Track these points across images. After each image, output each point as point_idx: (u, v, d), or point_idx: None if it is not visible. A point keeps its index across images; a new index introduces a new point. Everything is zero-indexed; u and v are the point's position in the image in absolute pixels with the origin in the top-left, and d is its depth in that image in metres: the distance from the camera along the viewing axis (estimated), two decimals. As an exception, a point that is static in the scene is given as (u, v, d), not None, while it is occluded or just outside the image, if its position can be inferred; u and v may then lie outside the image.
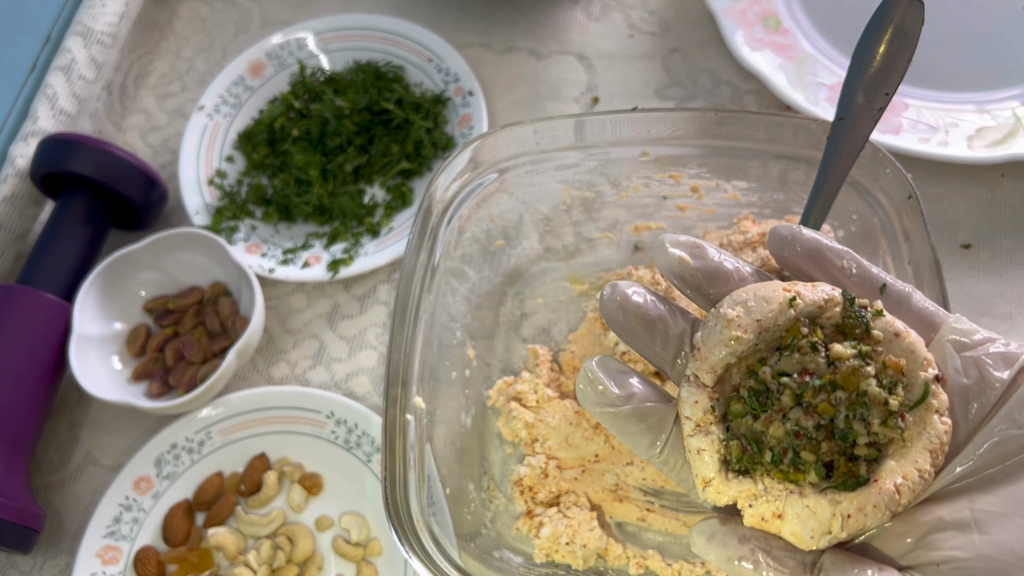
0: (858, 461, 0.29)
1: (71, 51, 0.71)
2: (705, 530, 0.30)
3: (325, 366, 0.65)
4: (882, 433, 0.29)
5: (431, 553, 0.46)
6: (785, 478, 0.30)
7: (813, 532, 0.28)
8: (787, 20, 0.71)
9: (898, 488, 0.28)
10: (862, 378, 0.29)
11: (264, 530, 0.58)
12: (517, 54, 0.75)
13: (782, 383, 0.30)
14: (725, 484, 0.30)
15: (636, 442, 0.31)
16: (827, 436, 0.29)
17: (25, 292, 0.61)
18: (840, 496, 0.29)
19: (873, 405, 0.29)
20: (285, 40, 0.76)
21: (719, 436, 0.30)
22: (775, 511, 0.29)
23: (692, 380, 0.31)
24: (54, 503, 0.62)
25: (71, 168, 0.64)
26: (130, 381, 0.63)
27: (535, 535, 0.51)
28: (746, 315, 0.30)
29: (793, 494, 0.29)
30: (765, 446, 0.30)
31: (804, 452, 0.29)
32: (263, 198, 0.70)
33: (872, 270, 0.32)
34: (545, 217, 0.60)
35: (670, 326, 0.32)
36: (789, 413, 0.30)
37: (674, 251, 0.32)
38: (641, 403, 0.31)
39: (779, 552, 0.29)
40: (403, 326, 0.51)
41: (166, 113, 0.77)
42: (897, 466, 0.29)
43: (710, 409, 0.31)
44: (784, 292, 0.31)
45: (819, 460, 0.29)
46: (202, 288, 0.66)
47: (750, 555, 0.29)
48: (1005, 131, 0.63)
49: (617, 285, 0.32)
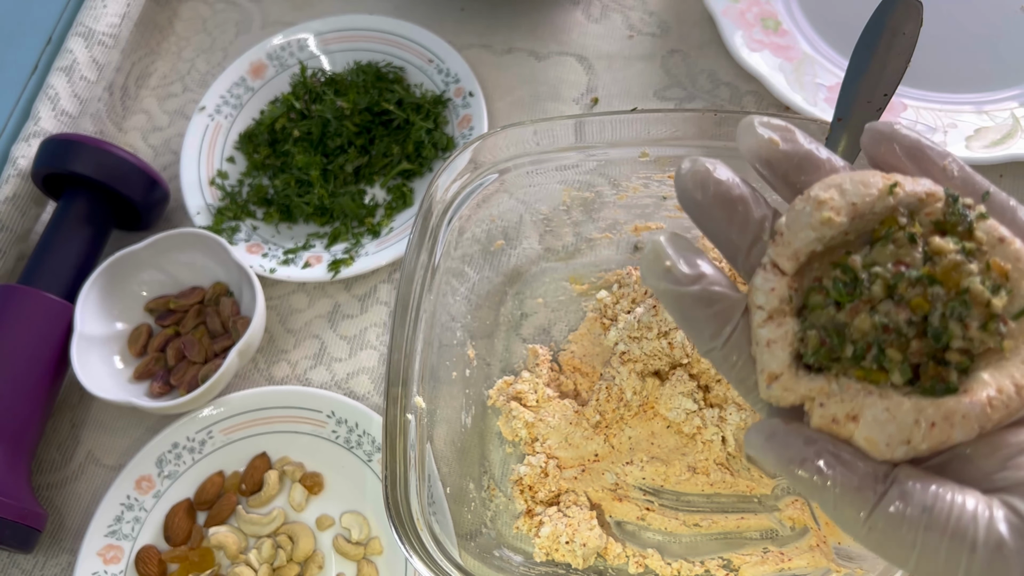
0: (949, 367, 0.26)
1: (73, 52, 0.71)
2: (764, 429, 0.27)
3: (326, 366, 0.65)
4: (979, 339, 0.26)
5: (431, 552, 0.46)
6: (866, 377, 0.26)
7: (890, 439, 0.25)
8: (786, 21, 0.71)
9: (990, 401, 0.25)
10: (964, 275, 0.26)
11: (265, 529, 0.59)
12: (517, 55, 0.76)
13: (873, 272, 0.27)
14: (794, 380, 0.27)
15: (698, 329, 0.28)
16: (918, 336, 0.26)
17: (27, 292, 0.62)
18: (925, 402, 0.25)
19: (974, 305, 0.26)
20: (286, 41, 0.76)
21: (794, 328, 0.27)
22: (849, 412, 0.26)
23: (769, 268, 0.28)
24: (56, 502, 0.62)
25: (73, 168, 0.64)
26: (131, 381, 0.63)
27: (535, 534, 0.51)
28: (840, 197, 0.27)
29: (872, 395, 0.26)
30: (847, 339, 0.27)
31: (891, 349, 0.26)
32: (264, 198, 0.71)
33: (976, 177, 0.30)
34: (545, 217, 0.60)
35: (751, 208, 0.29)
36: (878, 306, 0.27)
37: (764, 132, 0.29)
38: (710, 285, 0.28)
39: (848, 457, 0.25)
40: (403, 326, 0.51)
41: (167, 114, 0.77)
42: (991, 378, 0.25)
43: (787, 299, 0.27)
44: (884, 179, 0.28)
45: (906, 360, 0.26)
46: (203, 288, 0.66)
47: (815, 457, 0.25)
48: (1003, 132, 0.63)
49: (698, 159, 0.29)
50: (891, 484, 0.25)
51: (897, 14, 0.42)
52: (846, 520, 0.25)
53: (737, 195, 0.29)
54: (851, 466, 0.25)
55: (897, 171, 0.29)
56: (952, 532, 0.24)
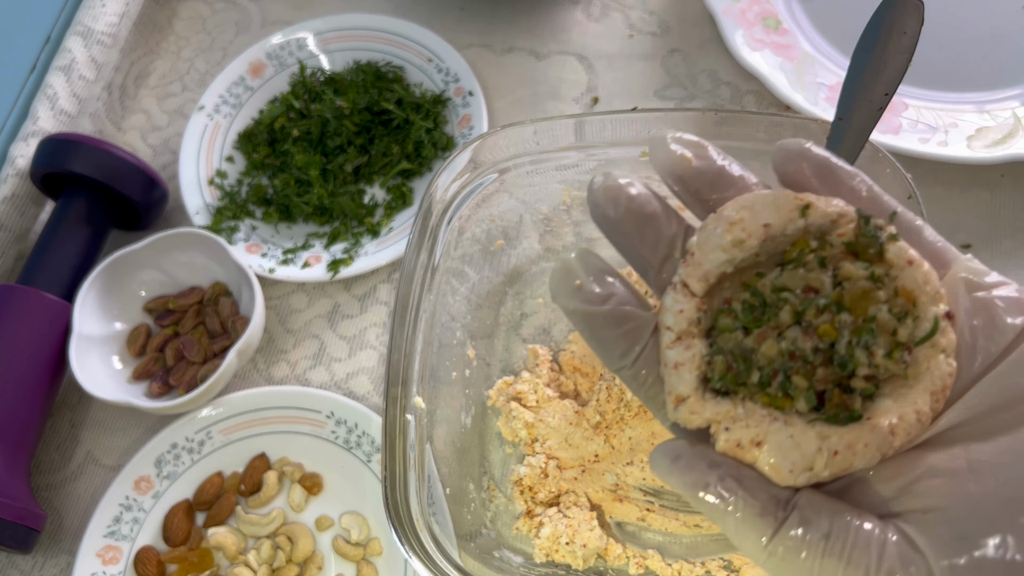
0: (853, 394, 0.26)
1: (71, 51, 0.71)
2: (670, 451, 0.27)
3: (325, 366, 0.65)
4: (885, 366, 0.26)
5: (431, 553, 0.46)
6: (771, 403, 0.26)
7: (794, 466, 0.25)
8: (787, 20, 0.71)
9: (893, 428, 0.25)
10: (872, 302, 0.26)
11: (264, 530, 0.58)
12: (517, 54, 0.76)
13: (782, 297, 0.27)
14: (701, 404, 0.27)
15: (608, 349, 0.28)
16: (824, 363, 0.26)
17: (25, 292, 0.61)
18: (829, 430, 0.26)
19: (880, 333, 0.26)
20: (285, 40, 0.76)
21: (702, 351, 0.27)
22: (754, 437, 0.26)
23: (679, 288, 0.28)
24: (55, 503, 0.62)
25: (71, 168, 0.64)
26: (130, 381, 0.63)
27: (535, 535, 0.51)
28: (752, 219, 0.27)
29: (777, 421, 0.26)
30: (754, 365, 0.27)
31: (797, 376, 0.26)
32: (263, 198, 0.70)
33: (884, 196, 0.29)
34: (545, 217, 0.60)
35: (663, 225, 0.28)
36: (786, 332, 0.27)
37: (676, 148, 0.28)
38: (620, 305, 0.28)
39: (751, 483, 0.25)
40: (403, 326, 0.51)
41: (166, 113, 0.77)
42: (894, 405, 0.26)
43: (696, 320, 0.27)
44: (796, 200, 0.27)
45: (811, 387, 0.26)
46: (202, 288, 0.66)
47: (718, 482, 0.25)
48: (1005, 131, 0.63)
49: (611, 174, 0.29)
50: (792, 510, 0.25)
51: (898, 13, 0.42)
52: (748, 545, 0.25)
53: (649, 212, 0.28)
54: (753, 492, 0.25)
55: (807, 190, 0.29)
56: (848, 560, 0.24)
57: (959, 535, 0.23)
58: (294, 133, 0.71)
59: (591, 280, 0.28)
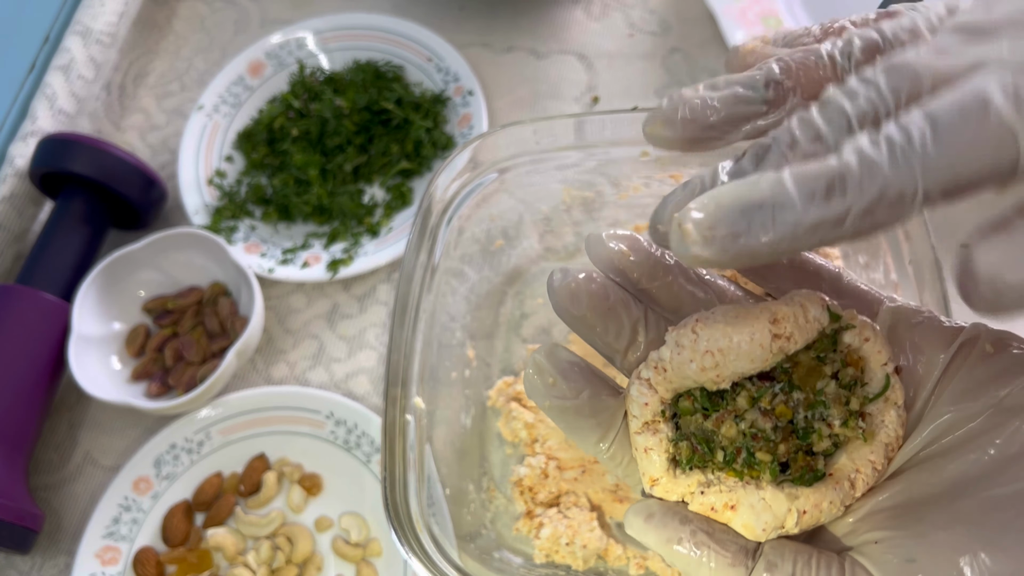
0: (816, 456, 0.28)
1: (70, 50, 0.71)
2: (643, 510, 0.29)
3: (324, 366, 0.65)
4: (843, 434, 0.28)
5: (431, 554, 0.46)
6: (738, 477, 0.28)
7: (766, 525, 0.27)
8: (787, 19, 0.71)
9: (853, 483, 0.28)
10: (819, 377, 0.28)
11: (263, 531, 0.58)
12: (517, 53, 0.75)
13: (737, 386, 0.28)
14: (673, 482, 0.28)
15: (584, 437, 0.30)
16: (784, 437, 0.28)
17: (24, 292, 0.61)
18: (797, 491, 0.28)
19: (833, 405, 0.28)
20: (284, 40, 0.76)
21: (668, 435, 0.29)
22: (727, 502, 0.28)
23: (644, 383, 0.29)
24: (53, 503, 0.62)
25: (70, 168, 0.64)
26: (129, 381, 0.63)
27: (535, 536, 0.51)
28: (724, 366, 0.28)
29: (749, 485, 0.28)
30: (716, 446, 0.28)
31: (760, 453, 0.28)
32: (262, 198, 0.70)
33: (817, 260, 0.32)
34: (545, 217, 0.60)
35: (624, 315, 0.30)
36: (744, 415, 0.28)
37: (614, 244, 0.31)
38: (591, 397, 0.29)
39: (720, 536, 0.28)
40: (403, 326, 0.50)
41: (165, 113, 0.77)
42: (850, 461, 0.28)
43: (659, 411, 0.29)
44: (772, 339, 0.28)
45: (775, 460, 0.28)
46: (201, 288, 0.66)
47: (690, 537, 0.28)
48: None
49: (568, 270, 0.30)
50: (759, 558, 0.27)
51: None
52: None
53: (610, 304, 0.30)
54: (723, 544, 0.28)
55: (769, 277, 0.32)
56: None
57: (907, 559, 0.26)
58: (293, 132, 0.71)
59: (561, 377, 0.30)
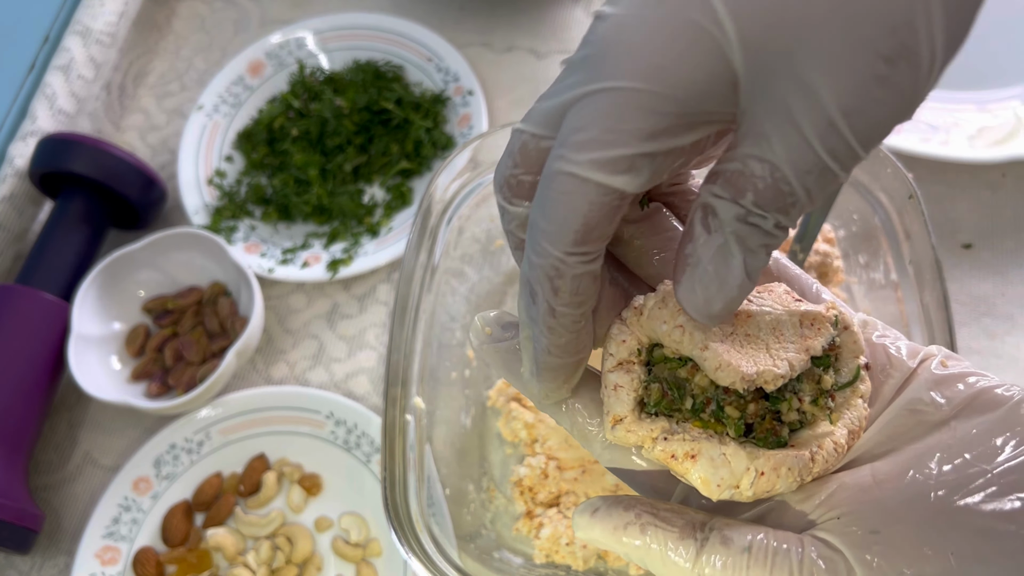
0: (782, 424, 0.29)
1: (70, 50, 0.71)
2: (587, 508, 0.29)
3: (324, 366, 0.65)
4: (811, 412, 0.29)
5: (431, 554, 0.46)
6: (703, 427, 0.28)
7: (722, 481, 0.27)
8: (787, 19, 0.71)
9: (813, 456, 0.28)
10: None
11: (263, 531, 0.58)
12: (517, 53, 0.75)
13: None
14: (637, 424, 0.28)
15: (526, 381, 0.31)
16: (755, 398, 0.28)
17: (24, 292, 0.61)
18: (758, 452, 0.28)
19: (806, 380, 0.29)
20: (284, 39, 0.75)
21: (641, 376, 0.29)
22: (688, 451, 0.28)
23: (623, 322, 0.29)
24: (53, 503, 0.62)
25: (70, 168, 0.64)
26: (129, 381, 0.63)
27: (535, 536, 0.51)
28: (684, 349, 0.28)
29: (712, 439, 0.28)
30: (687, 393, 0.29)
31: (729, 407, 0.28)
32: (262, 198, 0.70)
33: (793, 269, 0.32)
34: (545, 217, 0.59)
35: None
36: None
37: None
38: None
39: (666, 513, 0.28)
40: (403, 326, 0.50)
41: (165, 113, 0.77)
42: (814, 436, 0.28)
43: (636, 351, 0.29)
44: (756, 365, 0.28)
45: (743, 418, 0.28)
46: (201, 288, 0.66)
47: (636, 520, 0.28)
48: (1006, 130, 0.63)
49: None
50: (710, 531, 0.27)
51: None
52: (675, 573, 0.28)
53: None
54: (669, 520, 0.28)
55: None
56: (772, 566, 0.26)
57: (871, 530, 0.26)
58: (293, 132, 0.71)
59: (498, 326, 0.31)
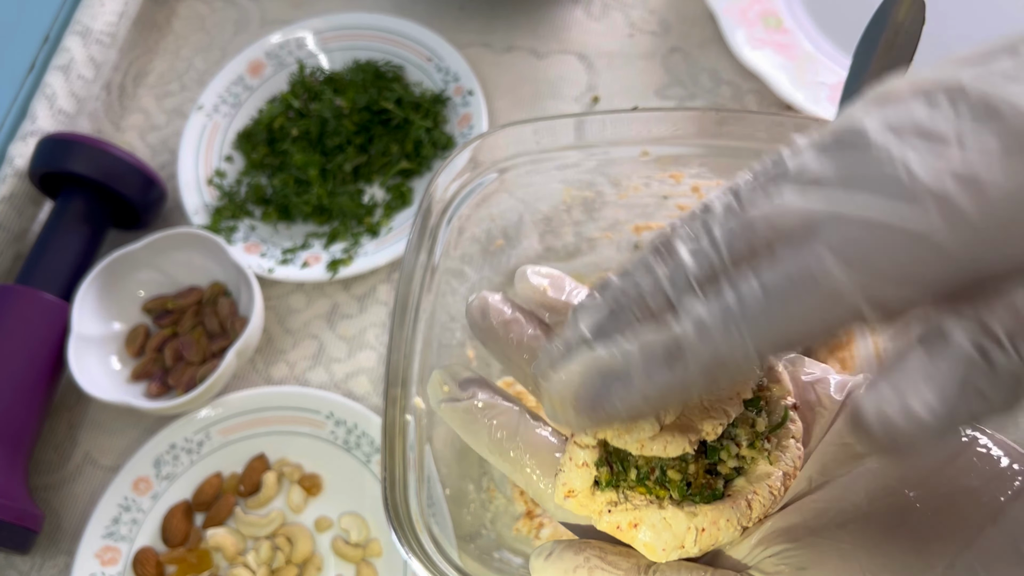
0: (718, 477, 0.30)
1: (70, 50, 0.71)
2: (542, 551, 0.31)
3: (324, 366, 0.65)
4: (749, 455, 0.30)
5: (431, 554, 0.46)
6: (648, 493, 0.30)
7: (666, 544, 0.29)
8: (788, 19, 0.71)
9: (750, 503, 0.29)
10: None
11: (263, 531, 0.58)
12: (517, 53, 0.75)
13: None
14: (590, 499, 0.30)
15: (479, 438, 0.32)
16: (695, 458, 0.29)
17: (23, 292, 0.61)
18: (696, 509, 0.29)
19: (740, 425, 0.30)
20: (284, 39, 0.75)
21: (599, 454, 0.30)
22: (632, 520, 0.29)
23: None
24: (52, 503, 0.62)
25: (70, 168, 0.64)
26: (129, 381, 0.63)
27: (535, 536, 0.51)
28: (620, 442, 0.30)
29: (652, 505, 0.29)
30: (631, 465, 0.30)
31: (671, 471, 0.29)
32: (262, 198, 0.70)
33: None
34: (545, 217, 0.59)
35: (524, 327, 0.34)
36: None
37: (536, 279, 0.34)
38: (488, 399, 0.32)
39: (614, 557, 0.30)
40: (403, 326, 0.50)
41: (165, 112, 0.77)
42: (749, 483, 0.30)
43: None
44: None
45: (684, 479, 0.29)
46: (201, 288, 0.66)
47: (584, 563, 0.30)
48: (1006, 130, 0.63)
49: (482, 292, 0.34)
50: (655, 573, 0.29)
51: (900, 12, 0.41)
52: None
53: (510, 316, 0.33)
54: (616, 563, 0.29)
55: None
56: None
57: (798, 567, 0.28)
58: (293, 132, 0.71)
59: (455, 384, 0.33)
